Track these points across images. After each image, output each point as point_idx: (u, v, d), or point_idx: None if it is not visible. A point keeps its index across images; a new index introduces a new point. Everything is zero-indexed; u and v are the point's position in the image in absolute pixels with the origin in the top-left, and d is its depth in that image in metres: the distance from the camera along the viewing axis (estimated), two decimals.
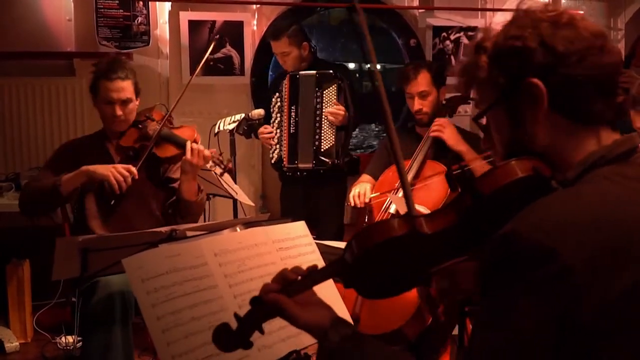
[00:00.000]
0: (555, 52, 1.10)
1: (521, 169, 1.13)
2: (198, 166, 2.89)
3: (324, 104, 3.71)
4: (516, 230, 1.01)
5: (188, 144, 2.88)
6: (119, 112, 2.93)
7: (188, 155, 2.85)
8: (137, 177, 2.84)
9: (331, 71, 3.75)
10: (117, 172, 2.79)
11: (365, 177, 3.50)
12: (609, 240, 1.00)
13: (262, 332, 1.27)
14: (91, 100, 3.03)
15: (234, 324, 1.27)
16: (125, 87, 2.94)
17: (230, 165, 2.97)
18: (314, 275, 1.25)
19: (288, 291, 1.24)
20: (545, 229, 1.00)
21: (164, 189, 3.07)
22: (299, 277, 1.26)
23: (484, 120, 1.24)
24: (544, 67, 1.11)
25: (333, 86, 3.71)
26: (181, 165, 2.93)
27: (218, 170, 2.98)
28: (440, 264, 1.26)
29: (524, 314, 0.99)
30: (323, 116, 3.70)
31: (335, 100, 3.70)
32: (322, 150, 3.72)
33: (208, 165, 2.96)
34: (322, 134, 3.72)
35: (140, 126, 3.02)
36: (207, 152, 2.89)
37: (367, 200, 3.22)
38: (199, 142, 3.06)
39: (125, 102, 2.95)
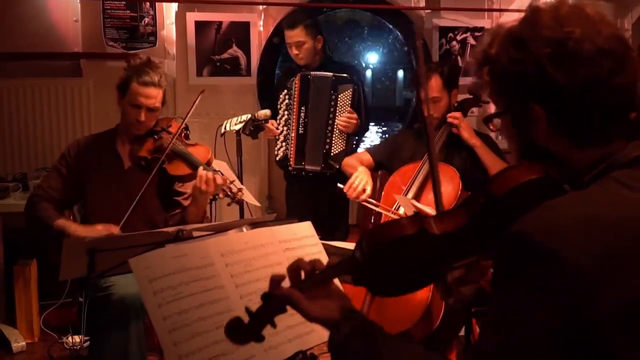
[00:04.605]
0: (555, 83, 1.08)
1: (532, 171, 1.14)
2: (208, 193, 2.85)
3: (338, 109, 3.70)
4: (520, 231, 1.02)
5: (200, 169, 2.84)
6: (143, 117, 2.91)
7: (198, 182, 2.82)
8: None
9: (346, 75, 3.73)
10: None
11: (366, 155, 3.51)
12: (620, 242, 1.00)
13: (274, 326, 1.28)
14: (117, 97, 2.99)
15: (246, 318, 1.27)
16: (155, 95, 2.91)
17: (240, 195, 2.86)
18: (326, 272, 1.26)
19: (300, 287, 1.25)
20: (548, 230, 1.00)
21: (169, 203, 3.05)
22: (311, 271, 1.26)
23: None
24: (544, 95, 1.10)
25: (348, 91, 3.70)
26: (192, 192, 2.91)
27: (227, 200, 2.90)
28: (452, 263, 1.28)
29: (527, 314, 1.00)
30: (336, 121, 3.70)
31: (349, 105, 3.69)
32: (332, 154, 3.72)
33: (220, 195, 2.90)
34: (334, 139, 3.71)
35: (155, 137, 3.00)
36: (219, 180, 2.81)
37: (360, 199, 3.19)
38: (213, 162, 3.04)
39: (151, 110, 2.93)
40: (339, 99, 3.70)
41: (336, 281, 1.92)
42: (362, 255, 1.22)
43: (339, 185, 3.29)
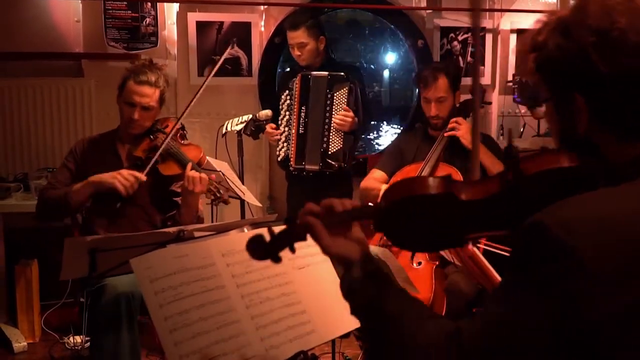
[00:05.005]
0: (598, 73, 1.07)
1: (566, 159, 1.15)
2: (195, 194, 2.86)
3: (333, 107, 3.69)
4: (543, 222, 1.01)
5: (188, 167, 2.86)
6: (136, 115, 2.92)
7: (186, 182, 2.84)
8: (144, 180, 2.84)
9: (342, 73, 3.72)
10: (123, 178, 2.81)
11: (378, 172, 3.49)
12: (635, 245, 0.99)
13: (292, 250, 1.32)
14: (117, 97, 3.02)
15: (268, 238, 1.31)
16: (149, 94, 2.93)
17: (225, 196, 2.89)
18: (350, 212, 1.29)
19: (325, 221, 1.28)
20: (571, 226, 0.99)
21: (166, 202, 3.05)
22: (340, 210, 1.29)
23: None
24: (587, 84, 1.09)
25: (344, 89, 3.69)
26: (181, 191, 2.93)
27: (212, 196, 2.91)
28: (471, 233, 1.29)
29: (528, 304, 1.00)
30: (332, 120, 3.70)
31: (345, 103, 3.68)
32: (330, 153, 3.72)
33: (204, 195, 2.92)
34: (330, 137, 3.71)
35: (152, 137, 3.02)
36: (204, 178, 2.84)
37: None
38: (205, 162, 3.06)
39: (145, 109, 2.94)
40: (334, 98, 3.70)
41: None
42: (386, 203, 1.25)
43: (369, 204, 3.29)
